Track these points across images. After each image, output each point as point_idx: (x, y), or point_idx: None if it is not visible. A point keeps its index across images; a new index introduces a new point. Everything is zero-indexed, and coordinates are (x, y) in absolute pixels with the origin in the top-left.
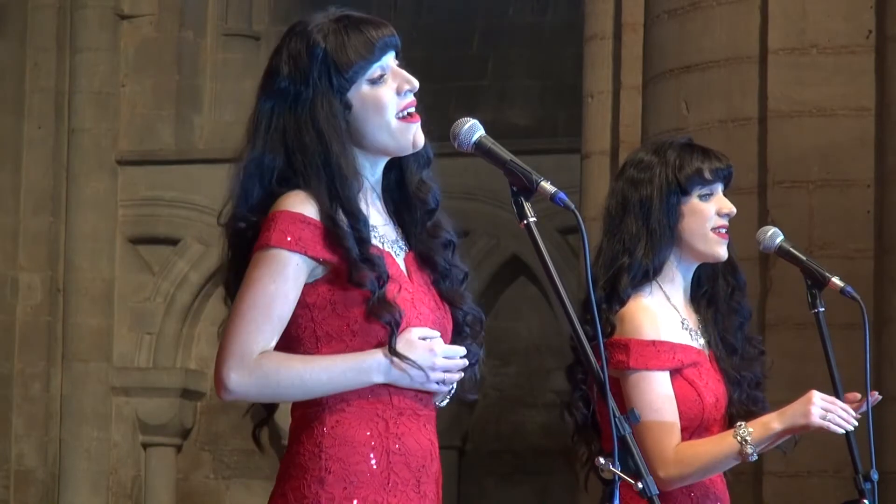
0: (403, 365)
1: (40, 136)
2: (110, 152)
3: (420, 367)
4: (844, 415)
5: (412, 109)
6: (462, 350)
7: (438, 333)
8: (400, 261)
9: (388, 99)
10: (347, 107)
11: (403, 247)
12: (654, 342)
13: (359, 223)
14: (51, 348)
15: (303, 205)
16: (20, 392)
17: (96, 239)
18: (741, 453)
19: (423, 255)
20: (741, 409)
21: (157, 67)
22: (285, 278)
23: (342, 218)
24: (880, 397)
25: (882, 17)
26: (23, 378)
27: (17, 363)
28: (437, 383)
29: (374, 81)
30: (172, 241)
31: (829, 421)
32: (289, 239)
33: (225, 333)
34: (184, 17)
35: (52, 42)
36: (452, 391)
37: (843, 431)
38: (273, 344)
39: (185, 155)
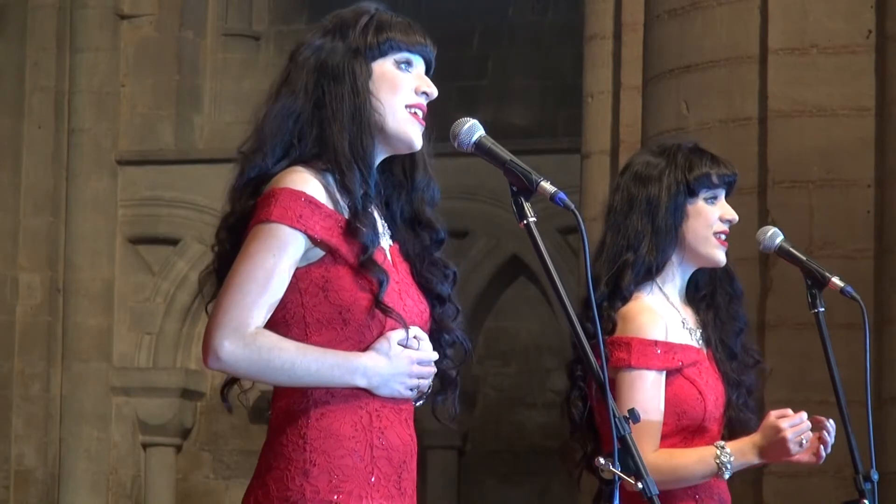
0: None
1: (40, 135)
2: (110, 152)
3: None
4: (804, 427)
5: (420, 113)
6: (435, 355)
7: (416, 334)
8: (387, 251)
9: (405, 85)
10: (369, 74)
11: (389, 239)
12: (656, 342)
13: (368, 186)
14: (51, 348)
15: (305, 183)
16: (20, 392)
17: (96, 239)
18: (717, 475)
19: (410, 252)
20: (737, 412)
21: (157, 67)
22: (284, 255)
23: (343, 190)
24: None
25: (882, 17)
26: (23, 378)
27: (17, 363)
28: (410, 390)
29: (400, 65)
30: (172, 241)
31: (803, 440)
32: (291, 215)
33: (219, 302)
34: (184, 17)
35: (52, 42)
36: (426, 394)
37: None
38: (265, 321)
39: (185, 155)
